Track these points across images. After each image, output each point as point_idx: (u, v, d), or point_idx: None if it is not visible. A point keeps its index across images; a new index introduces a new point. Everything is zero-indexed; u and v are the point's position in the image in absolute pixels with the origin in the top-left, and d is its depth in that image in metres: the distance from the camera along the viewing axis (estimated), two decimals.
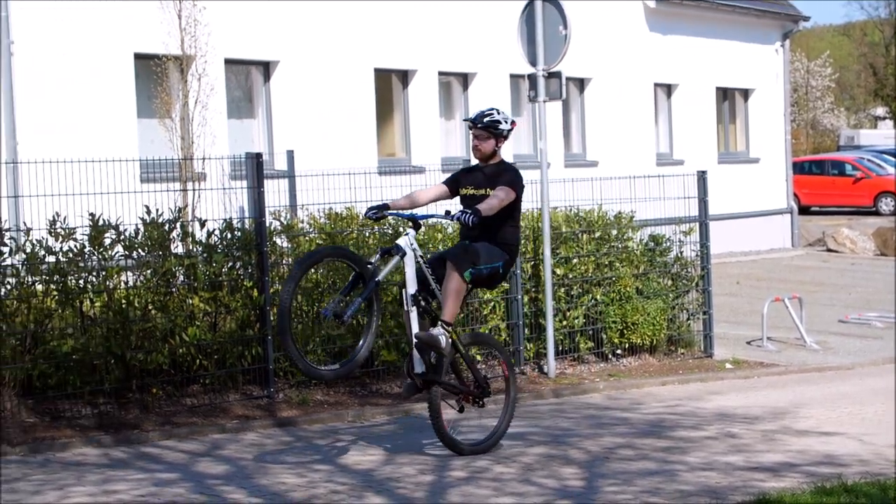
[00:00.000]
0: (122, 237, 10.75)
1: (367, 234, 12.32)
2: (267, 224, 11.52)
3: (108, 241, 10.69)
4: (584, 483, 8.48)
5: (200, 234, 11.30)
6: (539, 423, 10.77)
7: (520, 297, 13.00)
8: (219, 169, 14.00)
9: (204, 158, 13.28)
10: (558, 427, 10.61)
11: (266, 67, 17.99)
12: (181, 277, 11.14)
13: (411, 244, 9.07)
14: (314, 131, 18.09)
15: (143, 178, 12.57)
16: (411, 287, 9.03)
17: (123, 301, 10.71)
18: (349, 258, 9.16)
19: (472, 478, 8.56)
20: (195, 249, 11.24)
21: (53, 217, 10.46)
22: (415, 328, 9.00)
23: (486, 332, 12.32)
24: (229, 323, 11.35)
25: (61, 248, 10.47)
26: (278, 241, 11.86)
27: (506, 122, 9.30)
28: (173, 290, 11.05)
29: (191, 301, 11.02)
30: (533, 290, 13.30)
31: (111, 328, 10.57)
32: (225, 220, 11.54)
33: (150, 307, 10.86)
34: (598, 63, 22.76)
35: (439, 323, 9.05)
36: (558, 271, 13.38)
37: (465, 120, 9.44)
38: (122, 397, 10.64)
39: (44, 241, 10.39)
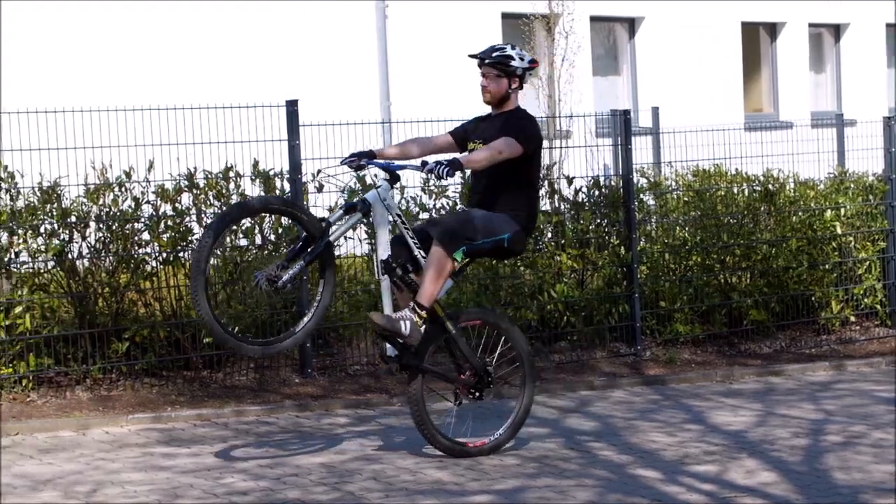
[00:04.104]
0: None
1: (737, 192, 12.06)
2: (634, 181, 11.46)
3: None
4: None
5: (568, 192, 11.36)
6: None
7: None
8: (584, 126, 14.03)
9: (571, 116, 13.30)
10: None
11: (631, 24, 17.88)
12: (549, 234, 11.24)
13: (384, 199, 7.47)
14: (679, 87, 17.86)
15: None
16: (382, 252, 7.51)
17: None
18: (293, 214, 7.60)
19: (848, 443, 8.24)
20: (563, 207, 11.32)
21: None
22: (386, 303, 7.60)
23: (861, 292, 11.51)
24: (596, 280, 11.37)
25: (434, 205, 10.74)
26: (645, 198, 11.78)
27: (520, 60, 7.70)
28: (541, 246, 11.17)
29: (558, 258, 11.10)
30: None
31: (481, 284, 10.77)
32: (592, 177, 11.56)
33: (518, 263, 11.01)
34: None
35: (412, 305, 7.48)
36: None
37: (470, 55, 7.90)
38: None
39: (418, 199, 10.67)
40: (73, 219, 9.52)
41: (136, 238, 9.71)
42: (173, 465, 7.69)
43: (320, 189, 10.07)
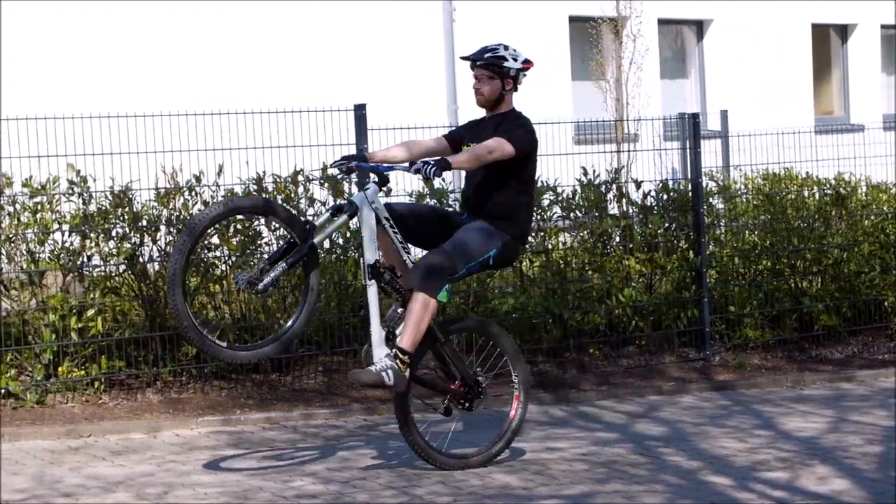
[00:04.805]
0: (560, 198, 10.90)
1: (807, 195, 11.94)
2: (703, 185, 11.38)
3: (546, 202, 10.88)
4: None
5: (636, 195, 11.31)
6: None
7: None
8: (651, 130, 13.97)
9: (638, 120, 13.25)
10: None
11: (699, 26, 17.78)
12: (617, 238, 11.20)
13: (372, 202, 7.23)
14: (748, 90, 17.73)
15: (577, 139, 12.71)
16: (370, 255, 7.24)
17: (561, 261, 10.88)
18: (276, 215, 7.36)
19: None
20: (631, 210, 11.26)
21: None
22: (373, 308, 7.24)
23: None
24: (665, 284, 11.30)
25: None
26: (714, 201, 11.70)
27: (514, 60, 7.40)
28: (609, 250, 11.12)
29: (626, 262, 11.05)
30: None
31: (549, 288, 10.75)
32: (660, 180, 11.49)
33: (586, 268, 10.98)
34: None
35: (393, 350, 7.17)
36: None
37: (462, 57, 7.59)
38: (560, 356, 10.80)
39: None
40: (144, 222, 9.61)
41: (206, 241, 9.78)
42: (243, 468, 7.74)
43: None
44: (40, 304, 9.40)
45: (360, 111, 10.10)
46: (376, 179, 7.34)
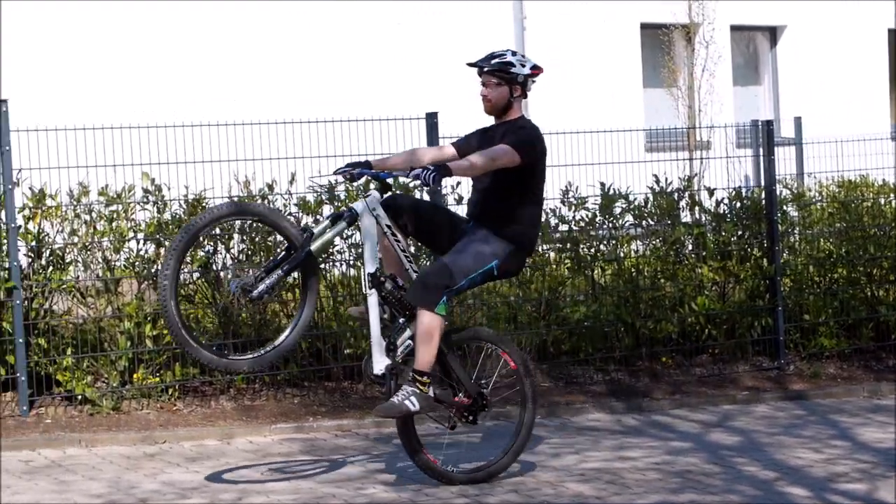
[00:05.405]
0: (632, 206, 10.85)
1: (884, 203, 11.79)
2: (776, 192, 11.27)
3: (617, 210, 10.83)
4: None
5: (709, 203, 11.22)
6: None
7: None
8: (724, 137, 13.86)
9: (711, 127, 13.16)
10: None
11: (773, 32, 17.64)
12: (689, 246, 11.12)
13: (373, 209, 7.08)
14: (822, 96, 17.54)
15: (648, 147, 12.64)
16: (370, 265, 7.07)
17: (633, 269, 10.82)
18: (273, 223, 7.21)
19: None
20: (703, 218, 11.18)
21: (566, 187, 10.69)
22: (373, 319, 7.09)
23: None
24: (738, 293, 11.20)
25: (573, 217, 10.69)
26: (787, 209, 11.58)
27: (521, 66, 7.26)
28: (682, 258, 11.05)
29: (699, 270, 10.97)
30: None
31: (621, 296, 10.69)
32: (734, 188, 11.41)
33: (659, 276, 10.91)
34: None
35: (411, 376, 7.03)
36: None
37: (468, 64, 7.38)
38: (632, 365, 10.75)
39: (557, 211, 10.64)
40: (218, 231, 9.68)
41: (279, 249, 9.82)
42: (316, 475, 7.76)
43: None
44: (116, 311, 9.50)
45: (431, 119, 10.12)
46: (378, 187, 7.20)
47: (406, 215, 7.23)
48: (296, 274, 7.46)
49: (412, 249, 7.32)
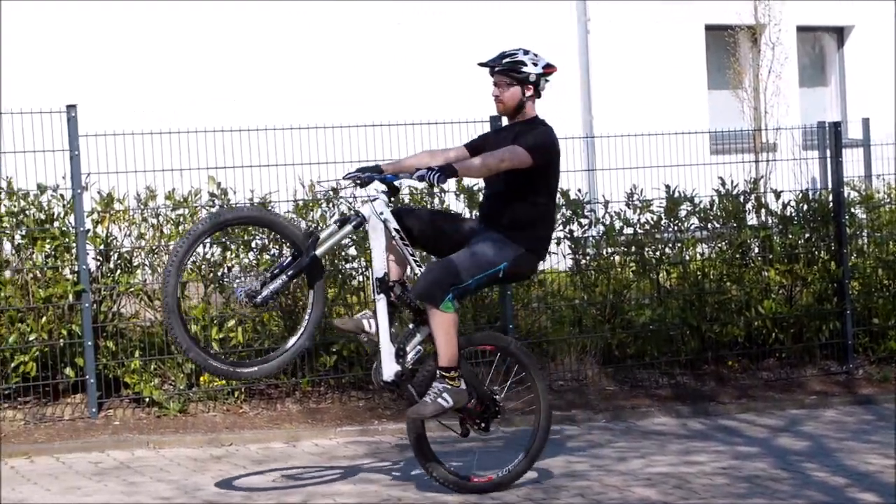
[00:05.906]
0: (697, 209, 10.78)
1: None
2: (844, 195, 11.16)
3: (683, 213, 10.76)
4: None
5: (775, 206, 11.13)
6: None
7: None
8: (790, 139, 13.74)
9: (777, 129, 13.04)
10: None
11: (839, 33, 17.45)
12: (756, 249, 11.03)
13: (381, 213, 6.96)
14: (889, 97, 17.33)
15: (713, 149, 12.55)
16: (378, 269, 6.97)
17: (698, 273, 10.75)
18: (278, 227, 7.14)
19: None
20: (770, 221, 11.09)
21: (631, 189, 10.64)
22: (382, 323, 6.98)
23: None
24: (805, 296, 11.10)
25: (638, 219, 10.64)
26: (855, 211, 11.46)
27: (533, 66, 7.04)
28: (748, 261, 10.96)
29: (766, 273, 10.88)
30: None
31: (686, 299, 10.63)
32: (800, 191, 11.30)
33: (724, 279, 10.83)
34: None
35: (437, 374, 6.93)
36: None
37: (480, 64, 7.20)
38: (698, 369, 10.68)
39: (622, 213, 10.60)
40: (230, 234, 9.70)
41: (343, 253, 9.86)
42: (381, 478, 7.78)
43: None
44: (182, 314, 9.54)
45: (495, 122, 10.10)
46: (385, 190, 7.06)
47: (412, 221, 7.14)
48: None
49: (419, 256, 7.25)
